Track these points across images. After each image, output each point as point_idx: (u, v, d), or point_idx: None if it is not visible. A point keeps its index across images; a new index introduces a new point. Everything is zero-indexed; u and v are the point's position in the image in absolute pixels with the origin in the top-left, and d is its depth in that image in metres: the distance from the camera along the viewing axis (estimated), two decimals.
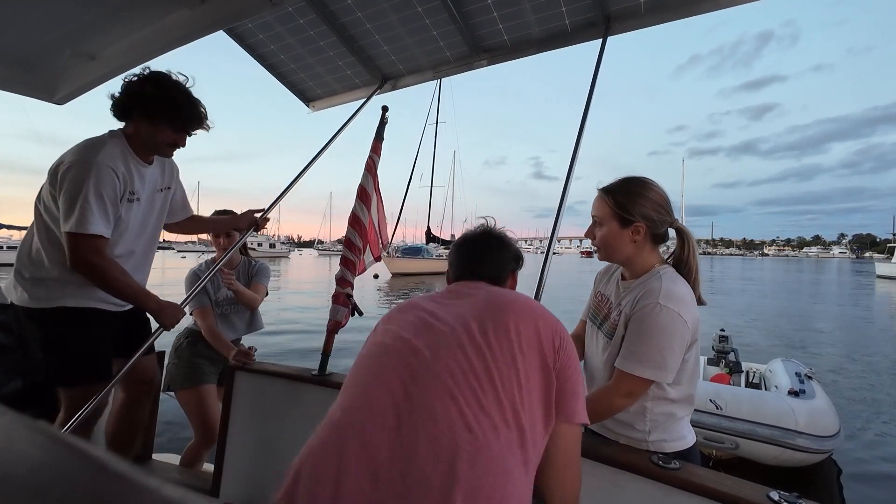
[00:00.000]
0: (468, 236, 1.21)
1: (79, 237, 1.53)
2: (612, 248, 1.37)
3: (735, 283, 30.17)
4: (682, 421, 1.34)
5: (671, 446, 1.30)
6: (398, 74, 2.59)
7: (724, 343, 5.62)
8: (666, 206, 1.35)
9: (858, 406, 5.91)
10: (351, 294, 2.05)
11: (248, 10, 1.93)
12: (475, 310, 0.96)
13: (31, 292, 1.64)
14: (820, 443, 3.63)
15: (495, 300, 0.99)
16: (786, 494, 1.02)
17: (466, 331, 0.90)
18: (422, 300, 1.05)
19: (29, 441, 0.19)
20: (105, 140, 1.64)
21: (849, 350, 9.45)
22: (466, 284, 1.10)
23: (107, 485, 0.18)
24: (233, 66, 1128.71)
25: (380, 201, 2.37)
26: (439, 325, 0.93)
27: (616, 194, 1.34)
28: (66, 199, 1.53)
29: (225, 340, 2.29)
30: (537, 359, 0.89)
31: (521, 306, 0.97)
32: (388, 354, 0.91)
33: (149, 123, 1.68)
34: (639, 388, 1.24)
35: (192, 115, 1.73)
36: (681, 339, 1.21)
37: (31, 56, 2.14)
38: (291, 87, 2.72)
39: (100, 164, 1.56)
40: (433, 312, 0.97)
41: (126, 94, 1.66)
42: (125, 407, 2.00)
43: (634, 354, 1.23)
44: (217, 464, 1.95)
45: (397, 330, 0.96)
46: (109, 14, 1.91)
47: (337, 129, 2.56)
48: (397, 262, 29.08)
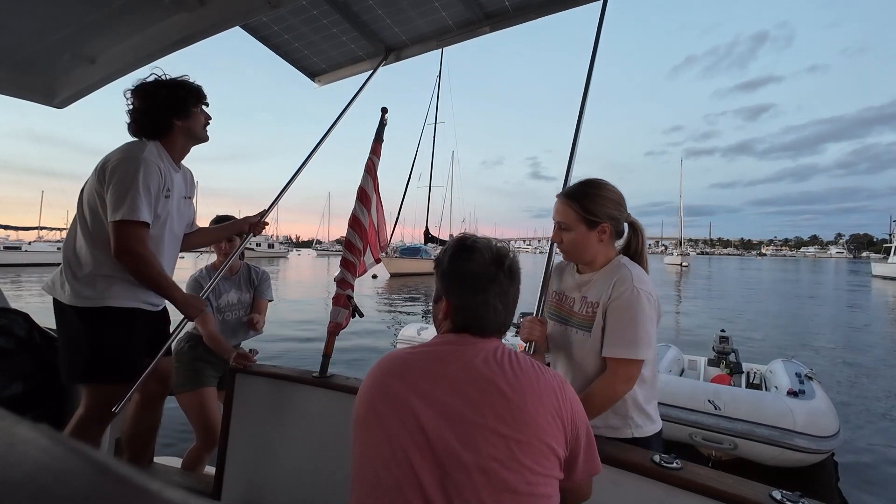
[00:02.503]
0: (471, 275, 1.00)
1: (128, 225, 1.63)
2: (581, 250, 1.44)
3: (735, 285, 30.21)
4: (653, 403, 1.43)
5: (650, 430, 1.39)
6: (402, 45, 2.57)
7: (725, 344, 5.63)
8: (623, 204, 1.45)
9: (859, 406, 5.93)
10: (351, 296, 2.05)
11: (246, 12, 1.93)
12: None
13: (80, 291, 1.71)
14: (819, 443, 3.63)
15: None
16: (788, 493, 1.01)
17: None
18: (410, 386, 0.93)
19: (30, 444, 0.19)
20: (146, 143, 1.76)
21: (849, 350, 9.48)
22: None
23: (108, 488, 0.18)
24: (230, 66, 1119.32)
25: (379, 203, 2.37)
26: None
27: (580, 199, 1.41)
28: (116, 190, 1.63)
29: (226, 345, 2.29)
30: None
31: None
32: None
33: (186, 117, 1.82)
34: (636, 370, 1.32)
35: (199, 89, 1.88)
36: (657, 315, 1.35)
37: (31, 59, 2.13)
38: (296, 63, 2.70)
39: (147, 160, 1.68)
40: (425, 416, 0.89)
41: (156, 107, 1.77)
42: (142, 407, 2.01)
43: (627, 340, 1.30)
44: (218, 466, 1.95)
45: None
46: (109, 17, 1.91)
47: (345, 105, 2.54)
48: (396, 262, 29.09)
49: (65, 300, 1.72)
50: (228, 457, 1.94)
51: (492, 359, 0.93)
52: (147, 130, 1.79)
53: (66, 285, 1.72)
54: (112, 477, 0.18)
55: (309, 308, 13.84)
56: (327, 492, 1.74)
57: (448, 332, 1.01)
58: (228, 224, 2.30)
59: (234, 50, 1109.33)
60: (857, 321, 13.90)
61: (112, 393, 1.76)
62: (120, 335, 1.77)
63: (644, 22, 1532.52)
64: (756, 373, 5.23)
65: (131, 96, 1.78)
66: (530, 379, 0.90)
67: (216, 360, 2.40)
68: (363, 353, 8.06)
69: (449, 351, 0.96)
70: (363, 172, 2.22)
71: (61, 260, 1.78)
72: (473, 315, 0.98)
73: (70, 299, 1.71)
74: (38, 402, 2.10)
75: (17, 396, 2.03)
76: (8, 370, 2.03)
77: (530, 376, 0.91)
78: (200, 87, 1.88)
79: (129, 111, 1.79)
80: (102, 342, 1.73)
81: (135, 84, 1.80)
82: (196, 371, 2.38)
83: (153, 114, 1.77)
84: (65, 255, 1.76)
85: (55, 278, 1.77)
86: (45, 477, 0.17)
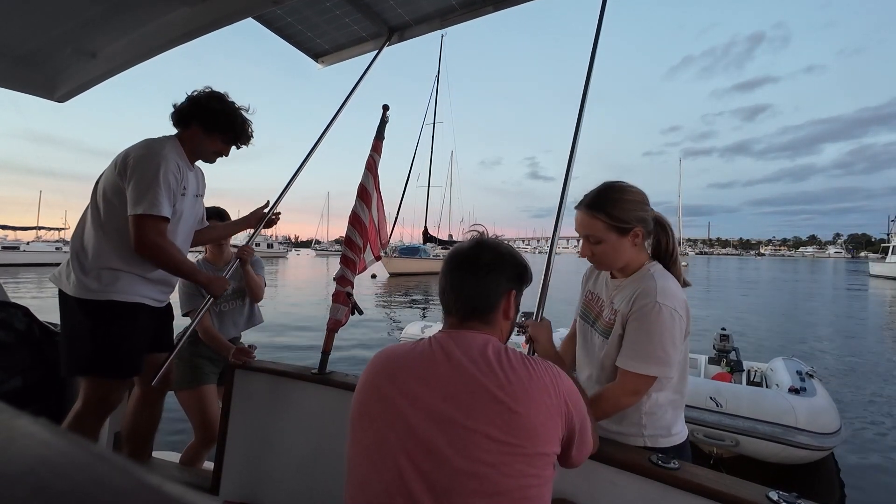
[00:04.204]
0: (456, 255, 1.05)
1: (149, 219, 1.68)
2: (616, 259, 1.36)
3: (734, 284, 30.26)
4: (676, 415, 1.37)
5: (666, 441, 1.33)
6: (405, 25, 2.55)
7: (726, 342, 5.63)
8: (647, 202, 1.37)
9: (859, 405, 5.93)
10: (351, 293, 2.05)
11: (248, 7, 1.93)
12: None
13: (86, 283, 1.72)
14: (821, 440, 3.64)
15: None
16: (785, 494, 1.02)
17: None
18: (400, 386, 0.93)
19: (29, 438, 0.19)
20: (165, 140, 1.83)
21: (848, 350, 9.49)
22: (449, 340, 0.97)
23: (107, 482, 0.18)
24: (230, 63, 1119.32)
25: (380, 200, 2.36)
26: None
27: (606, 207, 1.32)
28: (138, 185, 1.68)
29: (223, 340, 2.28)
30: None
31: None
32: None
33: (204, 131, 1.89)
34: (644, 385, 1.26)
35: (242, 132, 1.98)
36: (680, 333, 1.26)
37: (32, 53, 2.13)
38: (298, 45, 2.68)
39: (167, 157, 1.74)
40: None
41: (191, 104, 1.87)
42: (142, 403, 2.01)
43: (639, 353, 1.24)
44: (217, 462, 1.95)
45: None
46: (110, 11, 1.90)
47: (352, 87, 2.54)
48: (395, 261, 29.11)
49: (70, 291, 1.73)
50: (227, 452, 1.94)
51: (480, 358, 0.91)
52: (176, 114, 1.88)
53: (72, 276, 1.73)
54: (111, 471, 0.18)
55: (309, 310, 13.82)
56: (325, 488, 1.74)
57: (443, 319, 1.05)
58: (239, 220, 2.34)
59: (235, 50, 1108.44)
60: (856, 321, 13.91)
61: (110, 388, 1.76)
62: (122, 330, 1.77)
63: (641, 23, 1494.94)
64: (756, 371, 5.24)
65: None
66: (521, 379, 0.88)
67: (216, 356, 2.39)
68: (363, 351, 8.06)
69: (438, 350, 0.95)
70: (364, 170, 2.22)
71: (69, 251, 1.79)
72: (447, 297, 1.03)
73: (75, 291, 1.71)
74: (38, 396, 2.10)
75: (16, 390, 2.02)
76: (7, 364, 2.03)
77: (521, 376, 0.89)
78: (239, 126, 1.95)
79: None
80: (104, 336, 1.73)
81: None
82: (195, 368, 2.37)
83: (188, 104, 1.87)
84: (73, 247, 1.78)
85: (62, 269, 1.79)
86: (44, 471, 0.17)
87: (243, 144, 2.03)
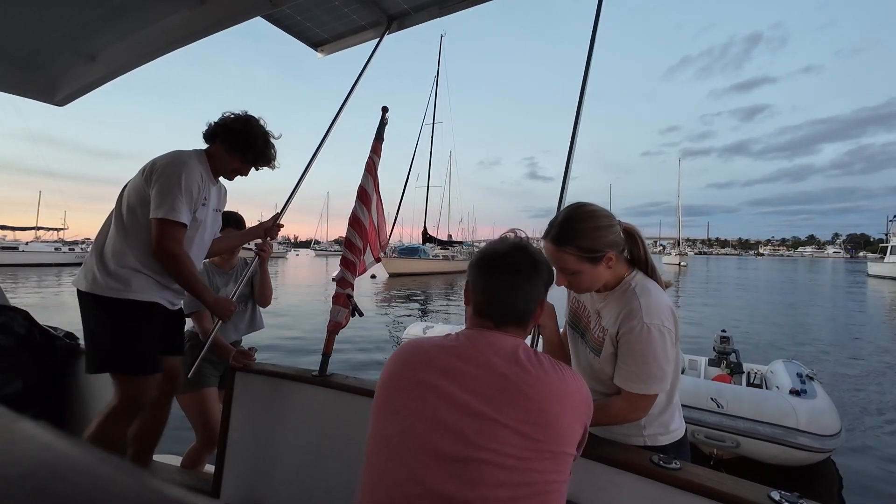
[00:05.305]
0: (494, 258, 1.04)
1: (167, 224, 1.76)
2: (593, 283, 1.32)
3: (734, 284, 30.28)
4: (673, 412, 1.39)
5: (665, 438, 1.35)
6: (404, 13, 2.55)
7: (726, 344, 5.63)
8: (613, 222, 1.30)
9: (859, 407, 5.93)
10: (351, 295, 2.04)
11: (247, 10, 1.93)
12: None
13: (105, 282, 1.78)
14: (821, 442, 3.64)
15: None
16: (787, 494, 1.01)
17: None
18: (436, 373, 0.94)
19: (29, 442, 0.19)
20: (193, 152, 1.94)
21: (848, 352, 9.49)
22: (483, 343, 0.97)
23: (108, 485, 0.17)
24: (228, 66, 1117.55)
25: (379, 202, 2.36)
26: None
27: (573, 240, 1.25)
28: (160, 190, 1.77)
29: (224, 343, 2.28)
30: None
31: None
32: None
33: (225, 150, 1.98)
34: (649, 402, 1.29)
35: (262, 154, 2.05)
36: (671, 345, 1.26)
37: (32, 57, 2.12)
38: (298, 35, 2.68)
39: (191, 166, 1.84)
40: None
41: (218, 123, 1.99)
42: (150, 405, 2.00)
43: (638, 376, 1.25)
44: (217, 465, 1.94)
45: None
46: (110, 15, 1.90)
47: (354, 80, 2.55)
48: (395, 262, 29.12)
49: (89, 289, 1.79)
50: (228, 455, 1.93)
51: (512, 359, 0.93)
52: (207, 130, 1.99)
53: (92, 275, 1.80)
54: (112, 474, 0.18)
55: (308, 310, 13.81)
56: (326, 490, 1.74)
57: (471, 318, 1.05)
58: (246, 231, 2.39)
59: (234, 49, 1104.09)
60: (856, 322, 13.92)
61: (139, 386, 1.82)
62: (140, 326, 1.83)
63: (639, 23, 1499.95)
64: (756, 373, 5.24)
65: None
66: (552, 380, 0.91)
67: (217, 359, 2.38)
68: (363, 352, 8.06)
69: (468, 346, 0.96)
70: (363, 171, 2.21)
71: (91, 251, 1.87)
72: (482, 298, 1.03)
73: (93, 288, 1.78)
74: (38, 400, 2.10)
75: (16, 394, 2.03)
76: (8, 368, 2.03)
77: (552, 378, 0.92)
78: (259, 149, 2.02)
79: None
80: (124, 333, 1.80)
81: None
82: (197, 371, 2.36)
83: (217, 122, 1.98)
84: (95, 247, 1.85)
85: (82, 270, 1.86)
86: (45, 474, 0.17)
87: (263, 166, 2.10)
